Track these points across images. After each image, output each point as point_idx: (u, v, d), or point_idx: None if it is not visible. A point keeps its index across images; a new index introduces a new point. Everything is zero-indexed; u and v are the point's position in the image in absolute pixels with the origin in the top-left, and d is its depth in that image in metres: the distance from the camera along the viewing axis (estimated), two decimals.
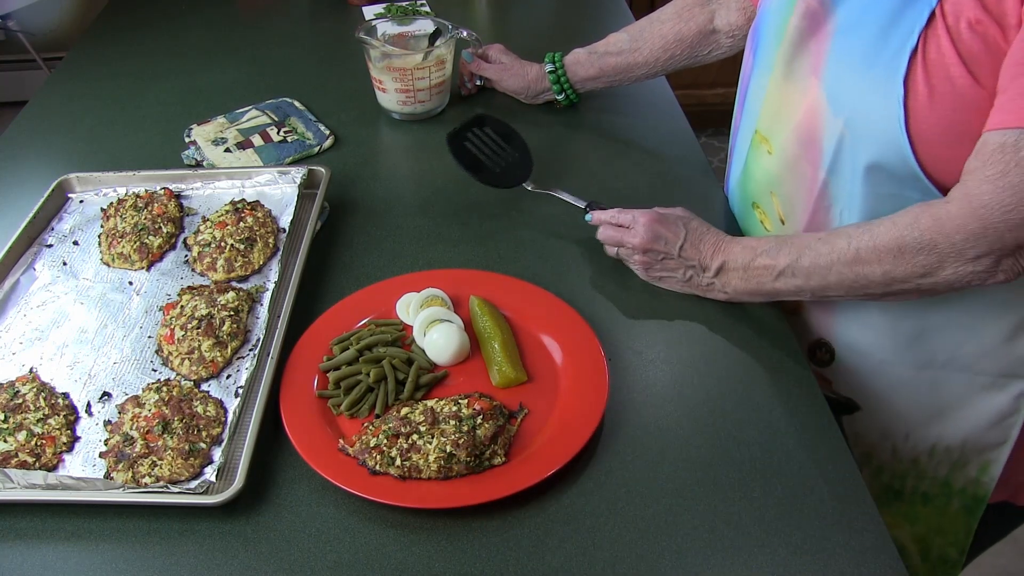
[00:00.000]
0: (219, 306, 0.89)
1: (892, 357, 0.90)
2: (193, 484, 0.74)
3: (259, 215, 1.01)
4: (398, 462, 0.74)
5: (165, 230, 1.01)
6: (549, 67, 1.23)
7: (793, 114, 0.87)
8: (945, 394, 0.90)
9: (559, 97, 1.25)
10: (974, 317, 0.85)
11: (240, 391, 0.83)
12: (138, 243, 0.99)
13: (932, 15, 0.72)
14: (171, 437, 0.77)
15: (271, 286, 0.95)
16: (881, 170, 0.78)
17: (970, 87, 0.71)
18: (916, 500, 0.98)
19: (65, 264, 0.99)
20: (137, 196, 1.04)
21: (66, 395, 0.84)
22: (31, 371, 0.86)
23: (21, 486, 0.74)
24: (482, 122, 1.10)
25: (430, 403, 0.79)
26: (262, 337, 0.88)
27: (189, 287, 0.94)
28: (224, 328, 0.87)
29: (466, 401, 0.78)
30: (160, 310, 0.93)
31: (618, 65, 1.19)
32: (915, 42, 0.73)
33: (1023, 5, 0.67)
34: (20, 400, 0.82)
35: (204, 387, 0.84)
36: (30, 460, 0.77)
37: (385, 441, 0.75)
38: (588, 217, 0.97)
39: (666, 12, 1.16)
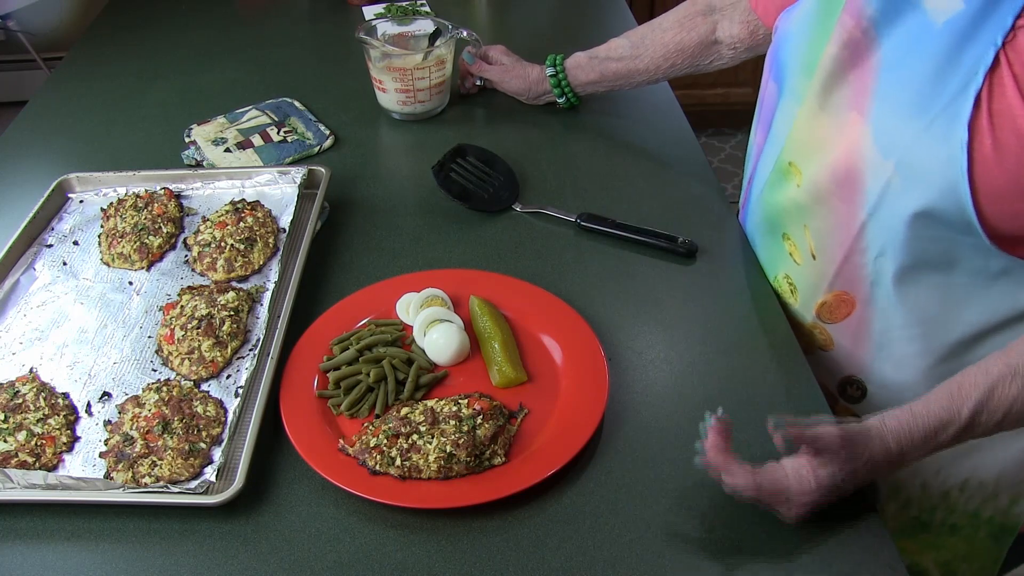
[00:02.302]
0: (219, 306, 0.89)
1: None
2: (193, 484, 0.74)
3: (259, 215, 1.01)
4: (398, 462, 0.74)
5: (165, 230, 1.01)
6: (550, 70, 1.23)
7: (829, 149, 0.82)
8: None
9: (560, 100, 1.25)
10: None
11: (240, 391, 0.83)
12: (138, 243, 0.99)
13: (996, 57, 0.66)
14: (171, 437, 0.77)
15: (271, 286, 0.94)
16: (932, 217, 0.73)
17: None
18: (944, 531, 0.96)
19: (65, 264, 0.99)
20: (137, 196, 1.04)
21: (66, 395, 0.84)
22: (31, 371, 0.86)
23: (21, 486, 0.74)
24: (463, 152, 1.14)
25: (430, 403, 0.79)
26: (262, 337, 0.88)
27: (189, 287, 0.94)
28: (224, 328, 0.87)
29: (466, 401, 0.78)
30: (160, 310, 0.93)
31: (619, 71, 1.18)
32: (980, 83, 0.67)
33: None
34: (20, 400, 0.82)
35: (204, 387, 0.84)
36: (30, 460, 0.77)
37: (385, 441, 0.75)
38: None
39: (668, 20, 1.15)
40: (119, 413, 0.81)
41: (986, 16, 0.67)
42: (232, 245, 0.97)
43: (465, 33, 1.27)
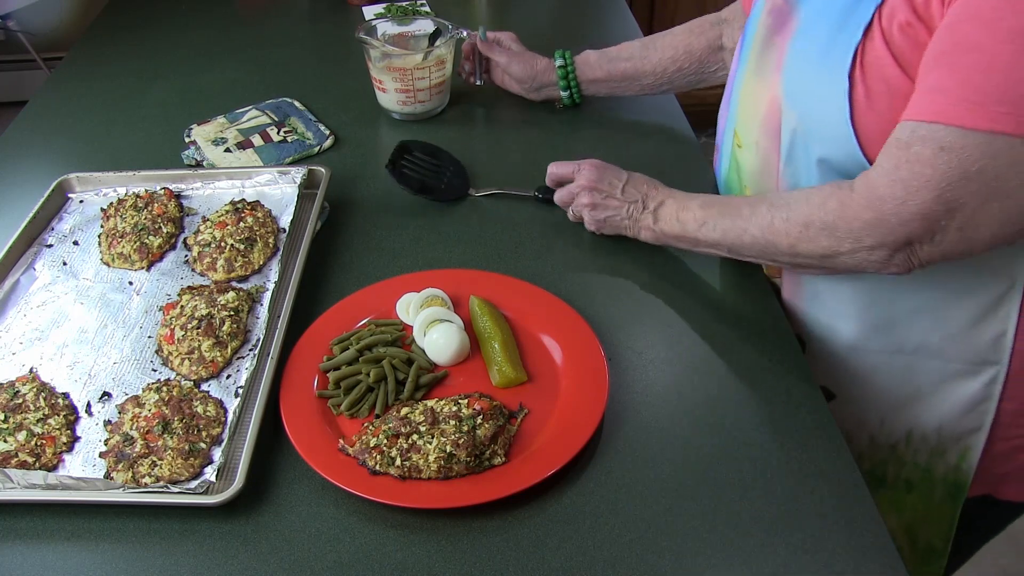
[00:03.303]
0: (219, 306, 0.89)
1: (863, 344, 0.91)
2: (193, 484, 0.74)
3: (259, 215, 1.01)
4: (398, 462, 0.74)
5: (165, 230, 1.01)
6: (559, 61, 1.23)
7: (760, 109, 0.90)
8: (918, 380, 0.91)
9: (563, 94, 1.25)
10: (938, 303, 0.86)
11: (240, 391, 0.83)
12: (138, 243, 0.99)
13: (872, 17, 0.75)
14: (171, 437, 0.77)
15: (271, 286, 0.94)
16: (831, 164, 0.81)
17: (904, 85, 0.74)
18: (900, 486, 0.99)
19: (65, 264, 0.99)
20: (137, 196, 1.04)
21: (66, 395, 0.84)
22: (31, 371, 0.86)
23: (21, 486, 0.74)
24: (408, 149, 1.15)
25: (430, 403, 0.79)
26: (262, 337, 0.88)
27: (189, 287, 0.94)
28: (224, 328, 0.87)
29: (466, 401, 0.78)
30: (160, 310, 0.93)
31: (626, 71, 1.20)
32: (859, 38, 0.76)
33: (944, 6, 0.70)
34: (20, 400, 0.82)
35: (204, 387, 0.84)
36: (30, 460, 0.77)
37: (385, 441, 0.75)
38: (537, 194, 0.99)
39: (679, 27, 1.20)
40: (119, 413, 0.81)
41: None
42: (232, 245, 0.97)
43: (465, 33, 1.27)
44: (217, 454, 0.77)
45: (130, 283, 0.97)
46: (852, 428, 0.97)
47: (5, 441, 0.78)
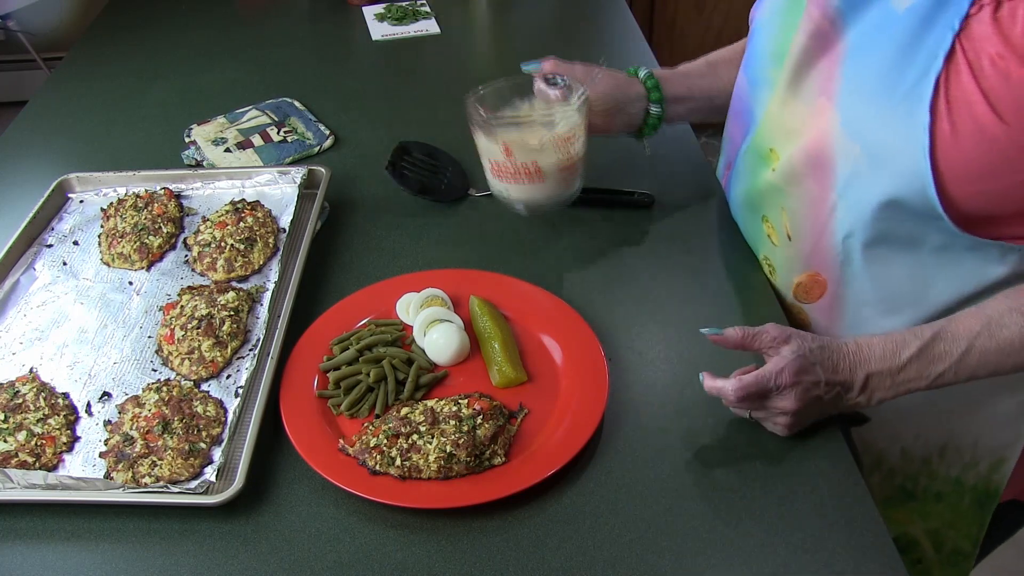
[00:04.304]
0: (219, 306, 0.89)
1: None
2: (193, 484, 0.74)
3: (259, 215, 1.01)
4: (398, 462, 0.74)
5: (165, 230, 1.01)
6: (644, 73, 1.02)
7: (802, 133, 0.83)
8: (955, 397, 0.88)
9: (654, 110, 1.02)
10: None
11: (240, 391, 0.83)
12: (138, 243, 0.99)
13: (953, 44, 0.68)
14: (171, 437, 0.77)
15: (271, 286, 0.95)
16: (897, 205, 0.75)
17: (994, 127, 0.68)
18: (929, 498, 0.98)
19: (65, 264, 0.99)
20: (137, 196, 1.04)
21: (66, 395, 0.84)
22: (31, 371, 0.86)
23: (21, 486, 0.74)
24: (407, 150, 1.14)
25: (430, 403, 0.79)
26: (262, 337, 0.88)
27: (189, 287, 0.94)
28: (224, 328, 0.87)
29: (466, 401, 0.79)
30: (160, 310, 0.93)
31: (703, 88, 1.05)
32: (940, 67, 0.69)
33: None
34: (20, 400, 0.82)
35: (204, 387, 0.84)
36: (30, 460, 0.77)
37: (385, 441, 0.75)
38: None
39: (725, 49, 1.08)
40: (119, 413, 0.81)
41: (944, 3, 0.69)
42: (232, 245, 0.97)
43: (561, 80, 0.97)
44: (217, 454, 0.77)
45: (130, 283, 0.97)
46: (885, 446, 0.94)
47: (5, 441, 0.78)
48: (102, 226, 1.03)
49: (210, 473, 0.76)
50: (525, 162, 0.92)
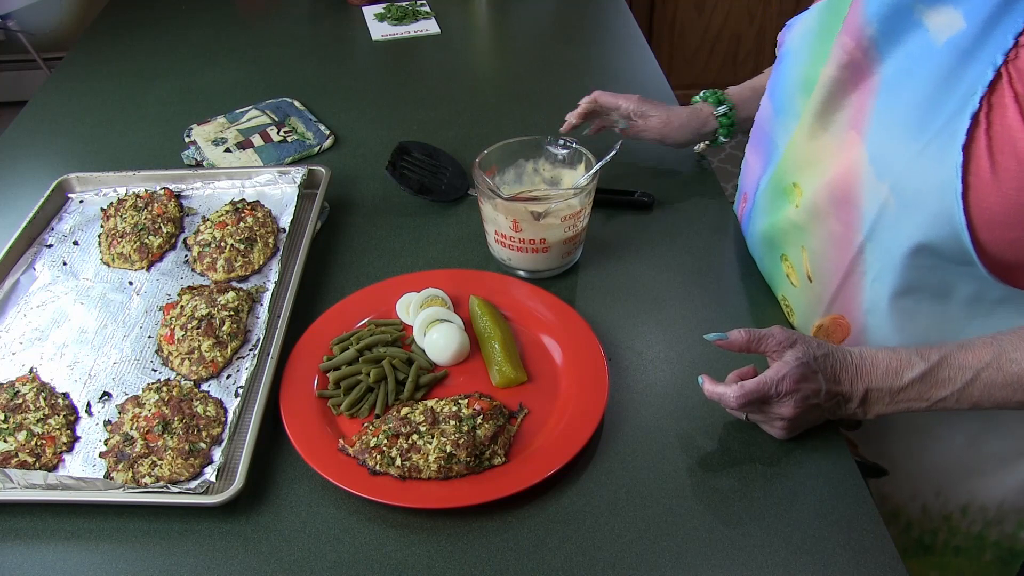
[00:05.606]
0: (219, 306, 0.89)
1: (925, 421, 0.85)
2: (193, 484, 0.74)
3: (259, 215, 1.01)
4: (398, 462, 0.74)
5: (165, 230, 1.01)
6: (720, 109, 1.07)
7: (827, 168, 0.80)
8: (981, 455, 0.86)
9: (722, 139, 1.10)
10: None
11: (240, 391, 0.83)
12: (138, 243, 0.99)
13: (997, 76, 0.64)
14: (171, 437, 0.77)
15: (271, 286, 0.95)
16: (929, 251, 0.72)
17: None
18: (948, 552, 0.95)
19: (65, 264, 0.99)
20: (137, 196, 1.04)
21: (66, 395, 0.84)
22: (31, 371, 0.86)
23: (21, 486, 0.74)
24: (407, 150, 1.14)
25: (430, 403, 0.79)
26: (262, 337, 0.88)
27: (189, 287, 0.94)
28: (224, 328, 0.87)
29: (466, 401, 0.79)
30: (160, 310, 0.93)
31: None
32: (978, 104, 0.65)
33: None
34: (20, 400, 0.82)
35: (204, 387, 0.84)
36: (30, 460, 0.77)
37: (385, 441, 0.75)
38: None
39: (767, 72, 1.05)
40: (119, 413, 0.81)
41: (987, 35, 0.65)
42: (232, 245, 0.97)
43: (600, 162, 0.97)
44: (217, 454, 0.77)
45: (130, 283, 0.97)
46: (905, 501, 0.92)
47: (5, 441, 0.78)
48: (102, 226, 1.03)
49: (210, 473, 0.76)
50: (532, 237, 0.93)
